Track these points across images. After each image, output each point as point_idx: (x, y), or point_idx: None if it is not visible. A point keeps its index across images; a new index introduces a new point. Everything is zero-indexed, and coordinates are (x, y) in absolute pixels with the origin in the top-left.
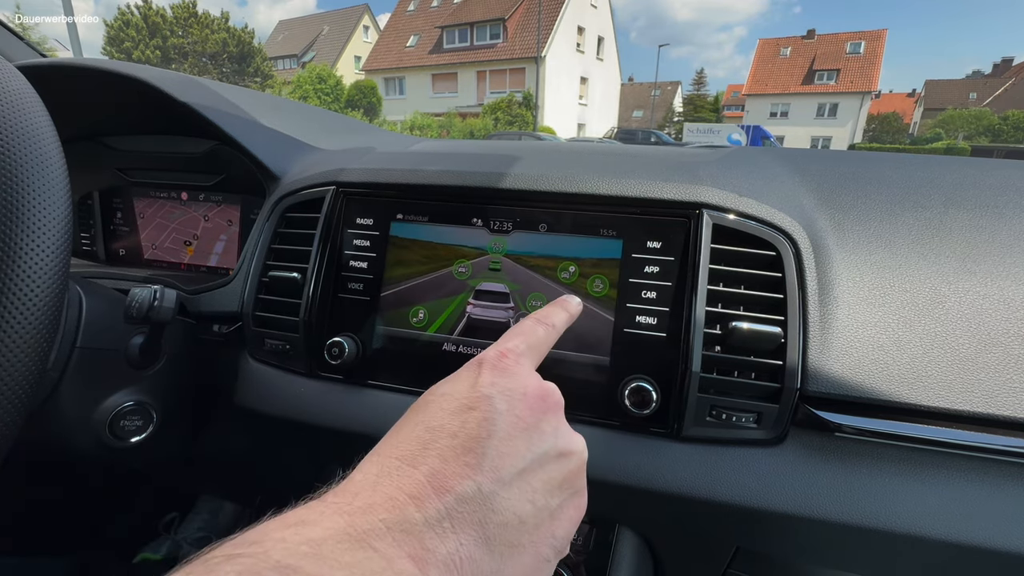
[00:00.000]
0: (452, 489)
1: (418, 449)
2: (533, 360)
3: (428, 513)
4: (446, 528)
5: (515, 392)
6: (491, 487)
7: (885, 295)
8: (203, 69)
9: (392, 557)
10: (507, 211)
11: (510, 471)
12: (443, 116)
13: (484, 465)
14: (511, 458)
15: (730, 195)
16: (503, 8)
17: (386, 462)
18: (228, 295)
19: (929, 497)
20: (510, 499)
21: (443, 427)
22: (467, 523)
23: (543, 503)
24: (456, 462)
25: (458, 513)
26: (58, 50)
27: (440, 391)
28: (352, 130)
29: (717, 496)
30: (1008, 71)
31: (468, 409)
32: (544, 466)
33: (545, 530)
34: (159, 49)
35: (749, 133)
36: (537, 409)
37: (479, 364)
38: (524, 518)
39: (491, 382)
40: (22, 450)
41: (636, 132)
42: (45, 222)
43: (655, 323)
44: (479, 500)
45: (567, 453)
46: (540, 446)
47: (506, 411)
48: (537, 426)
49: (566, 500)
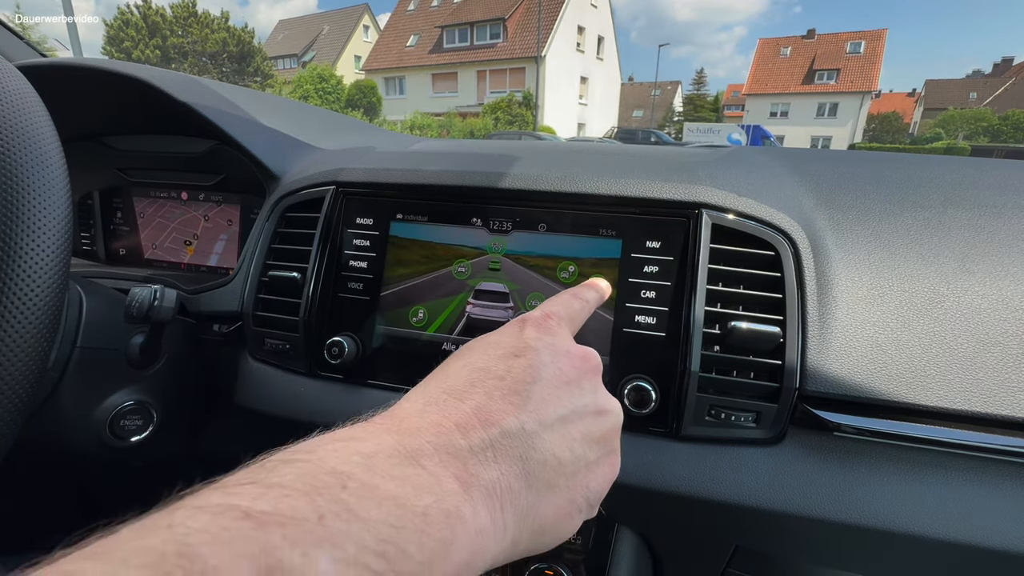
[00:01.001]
0: (497, 423)
1: (465, 385)
2: (571, 327)
3: (473, 441)
4: (489, 457)
5: (559, 348)
6: (534, 427)
7: (884, 295)
8: (203, 69)
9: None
10: (507, 211)
11: (552, 416)
12: (443, 116)
13: (528, 406)
14: (553, 405)
15: (729, 195)
16: (503, 8)
17: (433, 394)
18: (228, 295)
19: (927, 496)
20: (551, 441)
21: (490, 369)
22: (509, 456)
23: (581, 452)
24: (502, 400)
25: (501, 445)
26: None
27: (487, 340)
28: (352, 130)
29: (716, 495)
30: (1008, 71)
31: (515, 356)
32: (583, 419)
33: (581, 478)
34: (159, 49)
35: (749, 133)
36: (579, 368)
37: (523, 321)
38: (563, 461)
39: (536, 336)
40: (23, 450)
41: (636, 132)
42: (45, 222)
43: (654, 323)
44: (522, 437)
45: (605, 411)
46: (580, 399)
47: (551, 363)
48: (578, 382)
49: (602, 456)
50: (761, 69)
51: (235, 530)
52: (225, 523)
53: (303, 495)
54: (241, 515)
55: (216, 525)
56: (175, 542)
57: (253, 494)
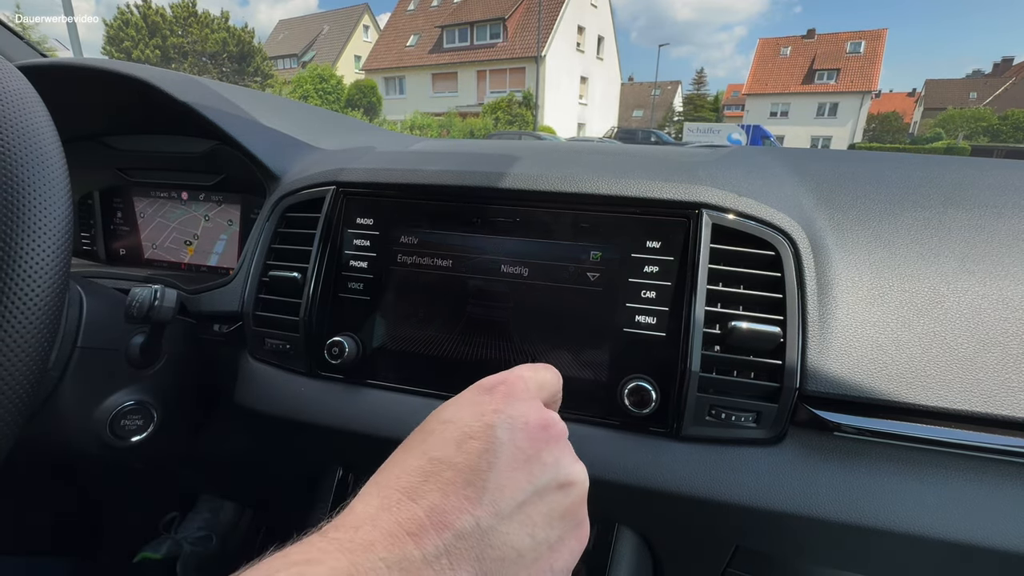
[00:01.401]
0: (451, 525)
1: (419, 481)
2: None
3: (427, 550)
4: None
5: (517, 421)
6: (489, 521)
7: (884, 295)
8: (203, 68)
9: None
10: (507, 211)
11: (509, 504)
12: (443, 116)
13: (484, 499)
14: (511, 490)
15: (729, 195)
16: (503, 8)
17: (387, 493)
18: (228, 295)
19: (927, 496)
20: (509, 533)
21: (444, 458)
22: (464, 559)
23: (543, 536)
24: (456, 496)
25: (456, 549)
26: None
27: (443, 417)
28: (352, 130)
29: (716, 495)
30: (1008, 70)
31: (470, 439)
32: (544, 498)
33: (544, 563)
34: (159, 49)
35: (749, 133)
36: (539, 439)
37: (487, 391)
38: (522, 552)
39: (494, 409)
40: (23, 450)
41: (636, 132)
42: (45, 222)
43: (655, 323)
44: (477, 535)
45: (568, 484)
46: (541, 478)
47: (508, 441)
48: (538, 457)
49: (567, 532)
50: (761, 69)
51: None
52: None
53: None
54: None
55: None
56: None
57: None
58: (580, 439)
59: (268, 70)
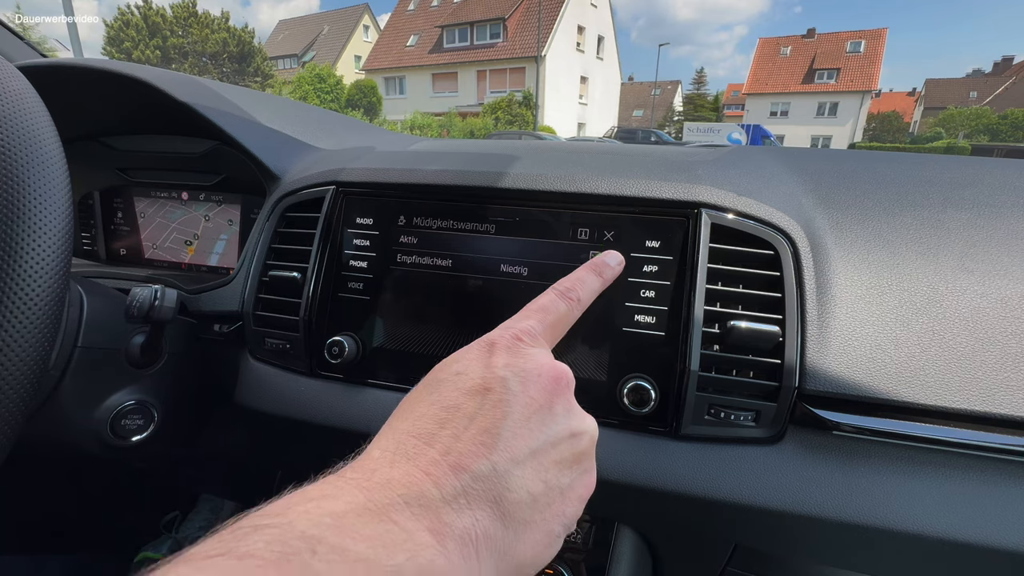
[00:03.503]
0: (468, 467)
1: (434, 428)
2: (550, 339)
3: (445, 490)
4: (462, 504)
5: (529, 373)
6: (505, 466)
7: (883, 294)
8: (203, 69)
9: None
10: (506, 210)
11: (523, 451)
12: (443, 116)
13: (499, 445)
14: (525, 439)
15: (728, 194)
16: (503, 7)
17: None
18: (228, 294)
19: (926, 495)
20: (523, 478)
21: (458, 407)
22: (482, 500)
23: (555, 482)
24: (472, 442)
25: (473, 490)
26: (58, 50)
27: (453, 369)
28: (352, 129)
29: (715, 494)
30: (1008, 70)
31: (483, 390)
32: (556, 446)
33: (556, 508)
34: (159, 49)
35: (749, 132)
36: (550, 391)
37: (492, 346)
38: (536, 496)
39: (505, 363)
40: (24, 449)
41: (636, 131)
42: (46, 222)
43: (654, 322)
44: (494, 478)
45: (578, 433)
46: (552, 427)
47: (520, 392)
48: (550, 407)
49: (576, 478)
50: (761, 68)
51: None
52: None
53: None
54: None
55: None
56: None
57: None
58: None
59: (268, 70)
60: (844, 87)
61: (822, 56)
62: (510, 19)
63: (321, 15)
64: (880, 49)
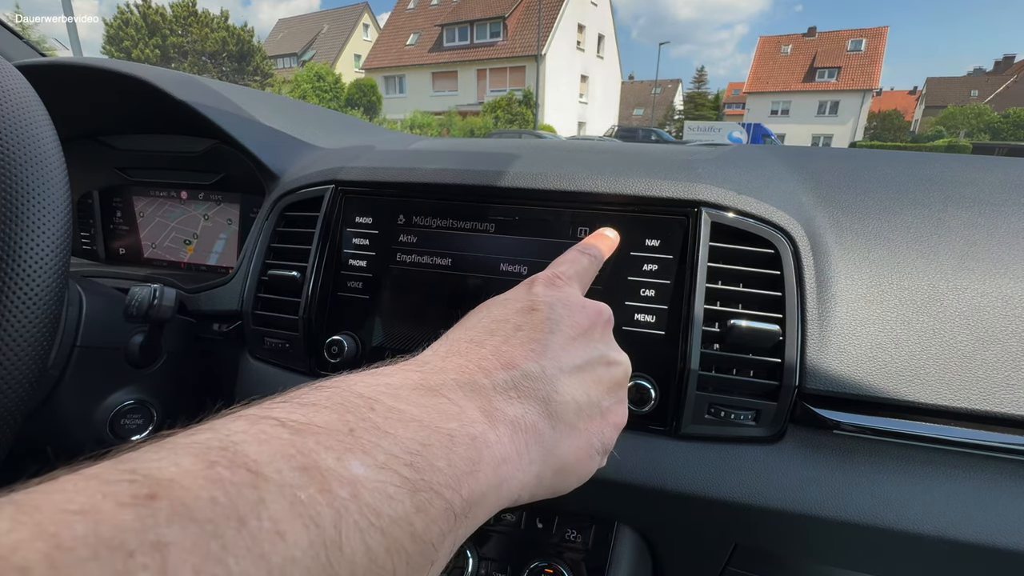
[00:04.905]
0: (519, 365)
1: (485, 334)
2: (581, 285)
3: (496, 380)
4: (512, 396)
5: (573, 303)
6: (553, 371)
7: (883, 293)
8: (202, 68)
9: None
10: (506, 209)
11: (569, 364)
12: (443, 114)
13: (548, 353)
14: (570, 354)
15: (729, 193)
16: (503, 6)
17: (454, 343)
18: (228, 294)
19: (927, 494)
20: (570, 385)
21: (508, 320)
22: (532, 396)
23: (596, 399)
24: (522, 347)
25: (524, 386)
26: (57, 49)
27: (503, 297)
28: (352, 129)
29: (716, 493)
30: (1009, 68)
31: (531, 310)
32: (596, 368)
33: (597, 423)
34: (158, 48)
35: (750, 131)
36: (593, 319)
37: (533, 281)
38: (581, 405)
39: (548, 292)
40: (23, 449)
41: (636, 130)
42: (45, 221)
43: (653, 321)
44: (543, 379)
45: (616, 362)
46: (595, 350)
47: (566, 316)
48: (592, 332)
49: (614, 404)
50: (762, 67)
51: (272, 434)
52: (263, 427)
53: (334, 412)
54: (277, 423)
55: (255, 428)
56: (218, 439)
57: (288, 409)
58: None
59: (268, 69)
60: (845, 86)
61: (823, 55)
62: (510, 18)
63: (321, 14)
64: (881, 48)
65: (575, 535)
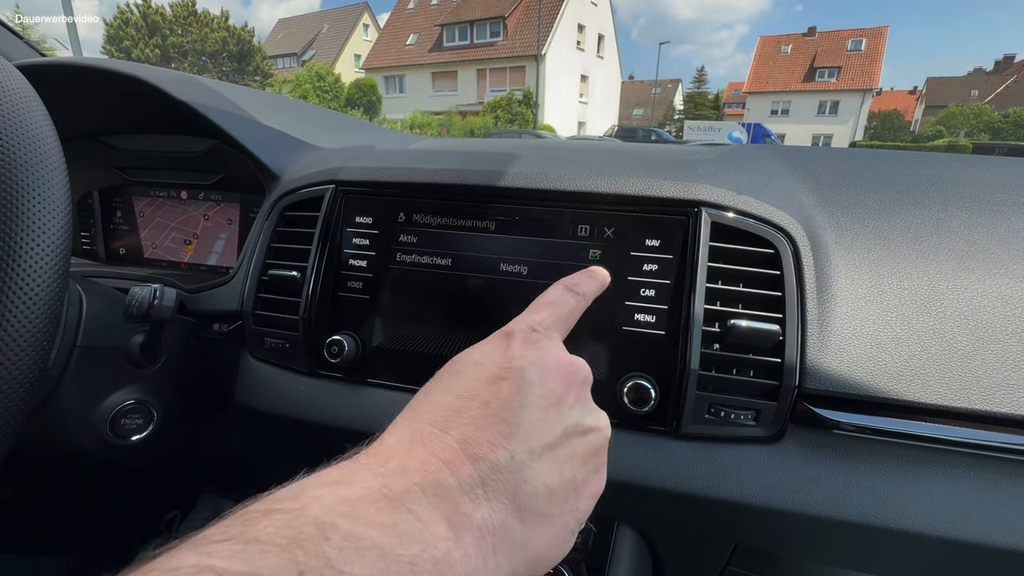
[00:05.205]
0: (485, 457)
1: (451, 415)
2: (561, 332)
3: (462, 479)
4: (479, 495)
5: (547, 365)
6: (523, 457)
7: (883, 292)
8: (202, 68)
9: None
10: (506, 209)
11: (540, 442)
12: (443, 114)
13: (517, 435)
14: (542, 430)
15: (728, 193)
16: (503, 6)
17: (419, 427)
18: (228, 294)
19: (926, 494)
20: (540, 470)
21: (476, 395)
22: (500, 491)
23: (569, 475)
24: (489, 431)
25: (491, 480)
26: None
27: (472, 359)
28: (352, 129)
29: (716, 493)
30: (1009, 68)
31: (500, 379)
32: (571, 439)
33: (571, 502)
34: (158, 48)
35: (750, 131)
36: (567, 383)
37: (508, 336)
38: (553, 489)
39: (522, 354)
40: (23, 449)
41: (636, 130)
42: (45, 221)
43: (654, 321)
44: (512, 469)
45: (593, 429)
46: (569, 419)
47: (538, 383)
48: (566, 399)
49: (590, 475)
50: (762, 67)
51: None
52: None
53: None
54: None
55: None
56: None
57: (230, 552)
58: None
59: (268, 69)
60: (845, 85)
61: (823, 54)
62: (510, 17)
63: (321, 14)
64: (881, 47)
65: None
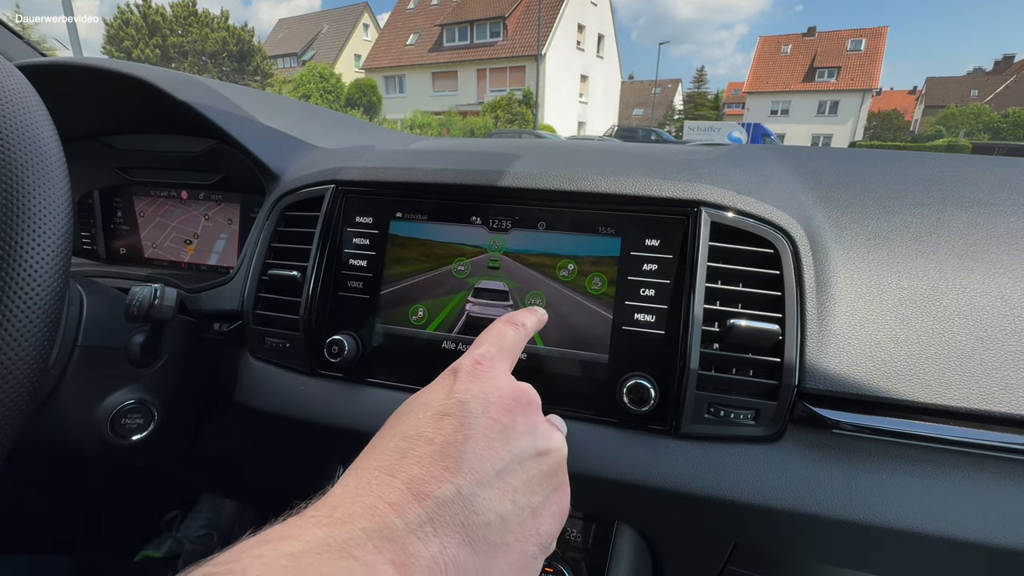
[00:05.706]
0: (431, 494)
1: (396, 458)
2: (507, 362)
3: (408, 519)
4: (428, 532)
5: (490, 395)
6: (471, 488)
7: (883, 292)
8: (203, 68)
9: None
10: (506, 209)
11: (489, 472)
12: (443, 114)
13: (463, 468)
14: (489, 459)
15: (728, 193)
16: (503, 6)
17: (364, 473)
18: (228, 293)
19: (926, 493)
20: (491, 499)
21: (420, 435)
22: (449, 525)
23: (524, 501)
24: (434, 467)
25: (439, 516)
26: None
27: (417, 402)
28: (352, 128)
29: (715, 493)
30: (1009, 68)
31: (444, 416)
32: (523, 464)
33: (529, 527)
34: (159, 48)
35: (750, 131)
36: (512, 410)
37: (454, 372)
38: (506, 517)
39: (465, 388)
40: (24, 448)
41: (636, 130)
42: (45, 221)
43: (653, 321)
44: (460, 502)
45: (544, 451)
46: (517, 446)
47: (481, 414)
48: (513, 426)
49: (548, 497)
50: (762, 67)
51: None
52: None
53: None
54: None
55: None
56: None
57: None
58: (579, 437)
59: (268, 69)
60: (845, 85)
61: (823, 54)
62: (510, 18)
63: (321, 14)
64: (881, 47)
65: (575, 534)
